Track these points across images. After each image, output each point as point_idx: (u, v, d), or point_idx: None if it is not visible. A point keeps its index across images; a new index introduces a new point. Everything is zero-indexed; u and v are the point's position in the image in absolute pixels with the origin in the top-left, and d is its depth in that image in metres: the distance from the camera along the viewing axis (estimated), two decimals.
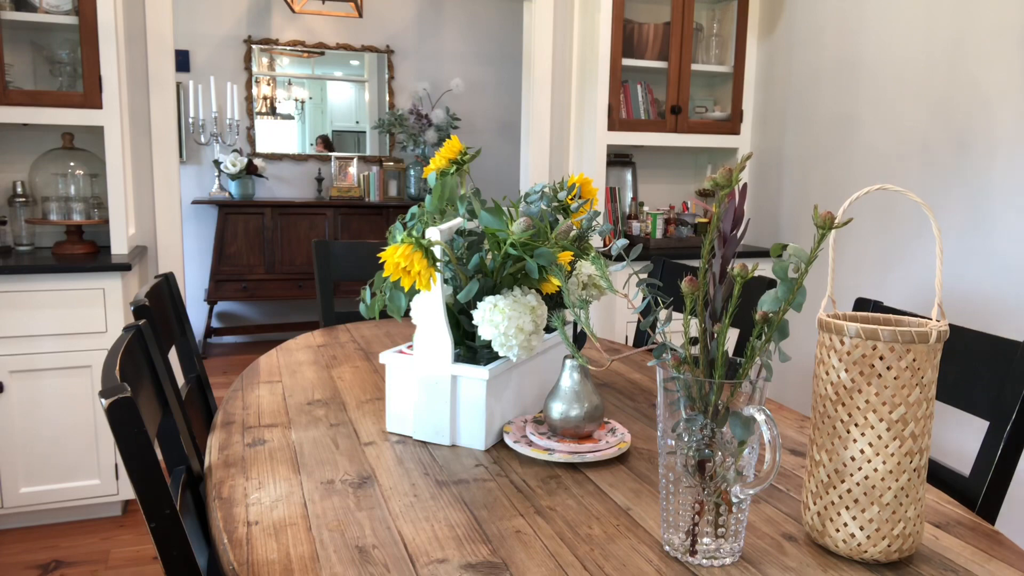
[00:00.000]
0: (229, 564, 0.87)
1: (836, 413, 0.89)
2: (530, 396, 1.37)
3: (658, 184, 3.69)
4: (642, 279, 0.98)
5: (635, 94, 3.31)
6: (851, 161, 2.91)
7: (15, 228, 2.74)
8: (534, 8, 3.33)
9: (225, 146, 4.87)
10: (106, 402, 0.84)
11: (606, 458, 1.17)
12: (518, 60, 5.40)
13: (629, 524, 0.98)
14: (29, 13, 2.51)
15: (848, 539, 0.89)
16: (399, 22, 5.29)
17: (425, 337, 1.23)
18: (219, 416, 1.36)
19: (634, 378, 1.67)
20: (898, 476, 0.88)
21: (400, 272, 1.11)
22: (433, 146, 5.08)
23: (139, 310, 1.37)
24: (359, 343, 1.92)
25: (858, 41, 2.85)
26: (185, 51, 4.85)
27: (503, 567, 0.86)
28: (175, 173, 2.95)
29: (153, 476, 0.86)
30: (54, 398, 2.47)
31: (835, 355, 0.89)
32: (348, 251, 2.35)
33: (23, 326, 2.40)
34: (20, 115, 2.50)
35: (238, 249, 4.73)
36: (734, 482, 0.86)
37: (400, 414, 1.28)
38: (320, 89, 5.28)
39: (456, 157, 1.39)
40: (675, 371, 0.88)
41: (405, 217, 1.37)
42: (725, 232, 0.87)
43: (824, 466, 0.91)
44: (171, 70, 2.87)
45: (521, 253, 1.17)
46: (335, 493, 1.05)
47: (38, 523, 2.58)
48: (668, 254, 3.05)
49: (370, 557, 0.88)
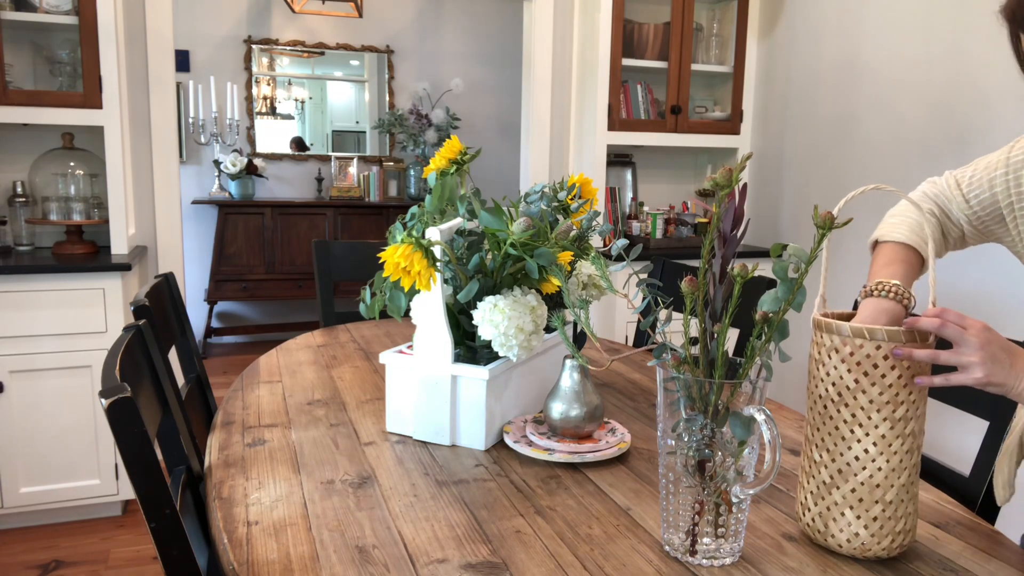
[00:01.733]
0: (229, 564, 0.87)
1: (839, 414, 0.89)
2: (530, 396, 1.37)
3: (658, 184, 3.69)
4: (642, 279, 0.98)
5: (635, 94, 3.31)
6: (851, 161, 2.91)
7: (15, 228, 2.74)
8: (534, 8, 3.33)
9: (225, 146, 4.87)
10: (106, 402, 0.84)
11: (606, 458, 1.17)
12: (518, 60, 5.39)
13: (629, 524, 0.98)
14: (29, 13, 2.51)
15: (852, 538, 0.89)
16: (399, 22, 5.29)
17: (425, 337, 1.23)
18: (219, 416, 1.36)
19: (634, 378, 1.67)
20: (900, 474, 0.88)
21: (400, 272, 1.11)
22: (433, 146, 5.08)
23: (139, 310, 1.37)
24: (359, 343, 1.92)
25: (858, 41, 2.85)
26: (185, 51, 4.85)
27: (503, 567, 0.86)
28: (175, 173, 2.95)
29: (153, 476, 0.86)
30: (54, 398, 2.47)
31: (836, 356, 0.89)
32: (348, 251, 2.35)
33: (23, 326, 2.40)
34: (20, 115, 2.50)
35: (238, 249, 4.73)
36: (734, 482, 0.86)
37: (400, 414, 1.28)
38: (320, 89, 5.28)
39: (456, 157, 1.39)
40: (675, 371, 0.88)
41: (405, 217, 1.37)
42: (725, 232, 0.87)
43: (826, 467, 0.91)
44: (171, 70, 2.87)
45: (521, 253, 1.17)
46: (335, 493, 1.05)
47: (38, 523, 2.58)
48: (668, 254, 3.05)
49: (370, 557, 0.88)
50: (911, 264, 1.07)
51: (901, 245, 1.09)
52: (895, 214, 1.15)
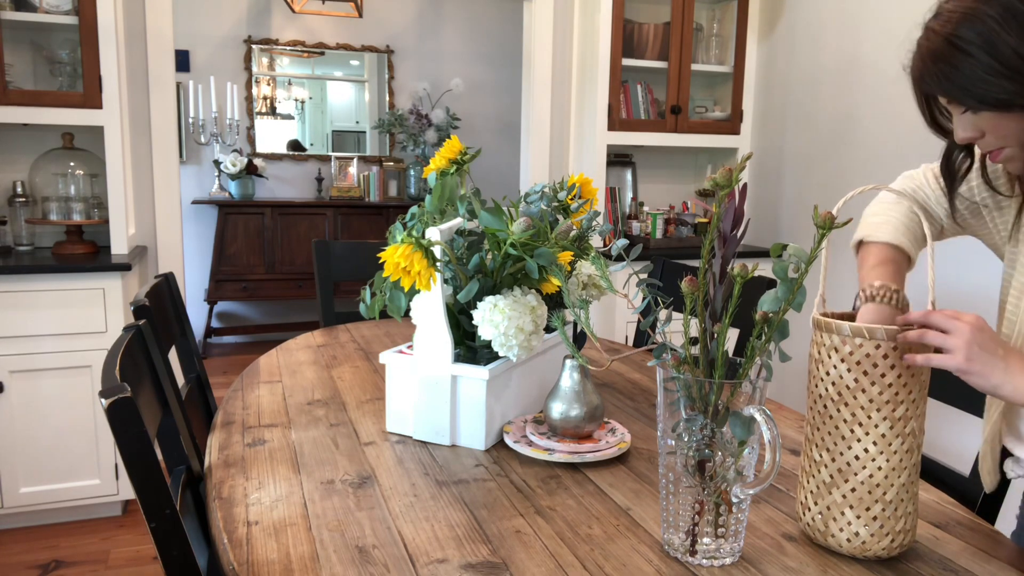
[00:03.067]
0: (229, 564, 0.87)
1: (839, 413, 0.89)
2: (530, 396, 1.37)
3: (658, 184, 3.69)
4: (642, 279, 0.98)
5: (635, 94, 3.31)
6: (851, 161, 2.91)
7: (15, 228, 2.74)
8: (534, 8, 3.33)
9: (225, 146, 4.87)
10: (106, 402, 0.84)
11: (606, 458, 1.17)
12: (518, 60, 5.39)
13: (629, 524, 0.98)
14: (29, 13, 2.51)
15: (852, 538, 0.89)
16: (399, 22, 5.29)
17: (425, 337, 1.23)
18: (219, 416, 1.36)
19: (634, 378, 1.67)
20: (900, 473, 0.88)
21: (400, 272, 1.11)
22: (433, 146, 5.08)
23: (139, 310, 1.37)
24: (359, 343, 1.92)
25: (858, 41, 2.85)
26: (185, 51, 4.85)
27: (503, 567, 0.86)
28: (175, 173, 2.95)
29: (153, 476, 0.86)
30: (54, 398, 2.47)
31: (836, 355, 0.89)
32: (348, 251, 2.35)
33: (23, 326, 2.40)
34: (20, 115, 2.50)
35: (238, 249, 4.73)
36: (734, 482, 0.86)
37: (400, 414, 1.28)
38: (320, 89, 5.28)
39: (456, 157, 1.39)
40: (675, 371, 0.88)
41: (405, 217, 1.37)
42: (725, 232, 0.87)
43: (826, 466, 0.91)
44: (171, 70, 2.87)
45: (521, 253, 1.17)
46: (335, 493, 1.05)
47: (38, 523, 2.58)
48: (668, 254, 3.05)
49: (370, 557, 0.88)
50: (900, 265, 1.08)
51: (888, 246, 1.09)
52: (877, 212, 1.16)
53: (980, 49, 0.83)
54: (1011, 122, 0.87)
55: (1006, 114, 0.87)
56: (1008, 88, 0.83)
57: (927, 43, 0.89)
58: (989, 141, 0.91)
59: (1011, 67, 0.82)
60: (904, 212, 1.13)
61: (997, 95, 0.84)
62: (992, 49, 0.83)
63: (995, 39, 0.82)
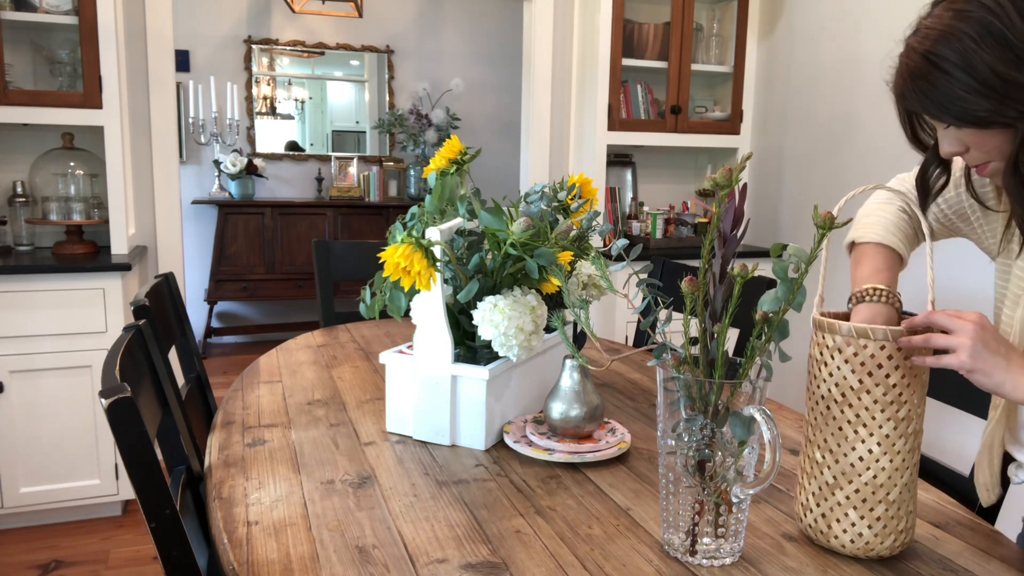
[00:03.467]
0: (229, 564, 0.87)
1: (842, 414, 0.89)
2: (530, 396, 1.37)
3: (658, 184, 3.69)
4: (642, 279, 0.98)
5: (635, 94, 3.31)
6: (851, 161, 2.91)
7: (15, 228, 2.74)
8: (534, 8, 3.33)
9: (225, 146, 4.86)
10: (106, 402, 0.84)
11: (606, 458, 1.17)
12: (518, 60, 5.39)
13: (629, 524, 0.98)
14: (29, 13, 2.51)
15: (856, 539, 0.89)
16: (399, 22, 5.29)
17: (425, 337, 1.23)
18: (219, 416, 1.36)
19: (634, 378, 1.67)
20: (903, 473, 0.88)
21: (400, 272, 1.11)
22: (433, 146, 5.08)
23: (139, 310, 1.37)
24: (359, 343, 1.92)
25: (858, 41, 2.85)
26: (185, 51, 4.85)
27: (503, 567, 0.86)
28: (175, 173, 2.95)
29: (153, 476, 0.86)
30: (54, 398, 2.47)
31: (839, 356, 0.89)
32: (348, 251, 2.35)
33: (23, 326, 2.40)
34: (20, 115, 2.50)
35: (238, 249, 4.73)
36: (734, 482, 0.86)
37: (400, 414, 1.28)
38: (320, 89, 5.28)
39: (456, 157, 1.39)
40: (675, 371, 0.88)
41: (405, 217, 1.37)
42: (725, 232, 0.87)
43: (829, 467, 0.90)
44: (171, 70, 2.87)
45: (521, 253, 1.17)
46: (335, 493, 1.05)
47: (38, 523, 2.58)
48: (668, 254, 3.05)
49: (370, 557, 0.88)
50: (892, 265, 1.09)
51: (880, 246, 1.10)
52: (868, 213, 1.16)
53: (957, 67, 0.83)
54: (993, 137, 0.87)
55: (987, 130, 0.87)
56: (985, 106, 0.83)
57: (907, 60, 0.89)
58: (974, 156, 0.91)
59: (988, 85, 0.82)
60: (895, 212, 1.14)
61: (976, 112, 0.84)
62: (969, 67, 0.83)
63: (972, 57, 0.82)
